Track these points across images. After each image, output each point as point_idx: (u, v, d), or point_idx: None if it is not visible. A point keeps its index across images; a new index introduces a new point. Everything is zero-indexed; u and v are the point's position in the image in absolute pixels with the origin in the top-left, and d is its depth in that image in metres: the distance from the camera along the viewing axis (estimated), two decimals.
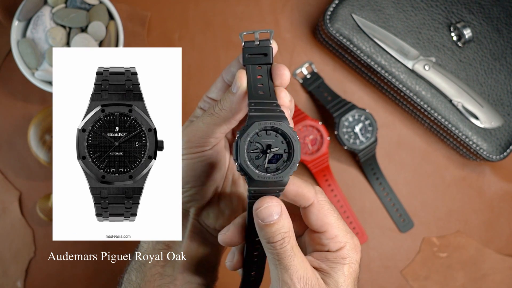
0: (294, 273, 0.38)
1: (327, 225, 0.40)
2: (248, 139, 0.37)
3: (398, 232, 0.72)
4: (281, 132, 0.38)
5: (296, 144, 0.38)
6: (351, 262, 0.40)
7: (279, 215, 0.37)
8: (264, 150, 0.38)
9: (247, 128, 0.37)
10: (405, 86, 0.68)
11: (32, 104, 0.70)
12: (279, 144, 0.38)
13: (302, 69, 0.72)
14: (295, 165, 0.38)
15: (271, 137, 0.38)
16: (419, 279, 0.71)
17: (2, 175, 0.70)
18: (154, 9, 0.71)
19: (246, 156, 0.37)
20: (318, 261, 0.40)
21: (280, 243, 0.38)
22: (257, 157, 0.38)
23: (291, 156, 0.38)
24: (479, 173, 0.73)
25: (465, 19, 0.68)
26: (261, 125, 0.37)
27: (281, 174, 0.38)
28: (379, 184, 0.72)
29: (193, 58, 0.71)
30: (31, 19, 0.65)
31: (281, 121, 0.38)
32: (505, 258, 0.72)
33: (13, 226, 0.70)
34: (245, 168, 0.37)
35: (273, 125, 0.38)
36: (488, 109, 0.68)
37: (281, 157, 0.38)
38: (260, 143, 0.38)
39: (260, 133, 0.38)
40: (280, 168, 0.38)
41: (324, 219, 0.40)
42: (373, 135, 0.69)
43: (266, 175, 0.38)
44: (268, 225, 0.37)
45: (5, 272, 0.69)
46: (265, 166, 0.38)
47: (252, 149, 0.38)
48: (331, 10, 0.67)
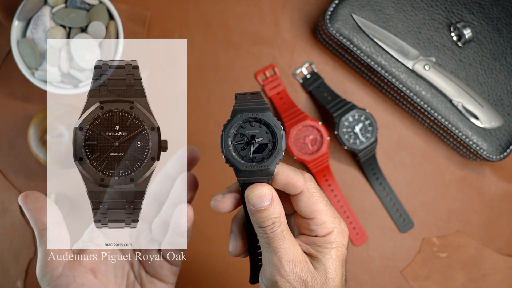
0: (283, 256, 0.39)
1: (316, 211, 0.41)
2: (232, 131, 0.39)
3: (398, 232, 0.72)
4: (264, 122, 0.39)
5: (280, 132, 0.39)
6: (338, 246, 0.41)
7: (270, 201, 0.39)
8: (249, 140, 0.39)
9: (230, 120, 0.39)
10: (405, 86, 0.68)
11: (32, 104, 0.70)
12: (263, 134, 0.39)
13: (302, 69, 0.72)
14: (280, 153, 0.39)
15: (255, 128, 0.39)
16: (419, 279, 0.71)
17: (2, 175, 0.70)
18: (154, 9, 0.71)
19: (231, 147, 0.39)
20: (307, 246, 0.41)
21: (271, 228, 0.39)
22: (243, 148, 0.39)
23: (276, 145, 0.39)
24: (479, 173, 0.73)
25: (465, 19, 0.68)
26: (244, 116, 0.39)
27: (266, 163, 0.39)
28: (379, 184, 0.72)
29: (193, 58, 0.71)
30: (31, 19, 0.65)
31: (263, 111, 0.39)
32: (505, 258, 0.72)
33: (13, 226, 0.70)
34: (231, 159, 0.39)
35: (255, 116, 0.39)
36: (488, 109, 0.68)
37: (266, 147, 0.39)
38: (245, 134, 0.39)
39: (245, 124, 0.39)
40: (265, 158, 0.39)
41: (313, 206, 0.40)
42: (373, 135, 0.69)
43: (252, 164, 0.39)
44: (259, 210, 0.39)
45: (5, 272, 0.70)
46: (251, 156, 0.39)
47: (238, 140, 0.39)
48: (331, 10, 0.67)
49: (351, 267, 0.71)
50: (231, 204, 0.41)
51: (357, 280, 0.71)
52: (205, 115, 0.71)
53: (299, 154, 0.68)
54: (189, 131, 0.71)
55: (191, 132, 0.71)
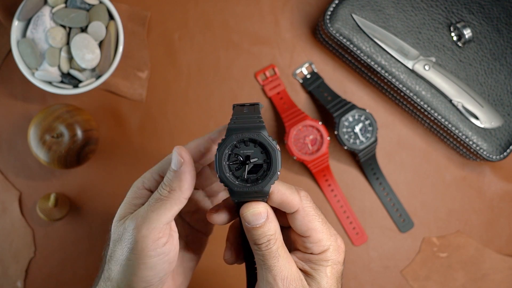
0: (277, 274, 0.39)
1: (311, 230, 0.40)
2: (226, 151, 0.38)
3: (398, 232, 0.72)
4: (259, 142, 0.38)
5: (275, 153, 0.38)
6: (333, 263, 0.41)
7: (265, 219, 0.38)
8: (244, 161, 0.38)
9: (225, 140, 0.38)
10: (405, 86, 0.68)
11: (32, 104, 0.70)
12: (258, 155, 0.38)
13: (302, 69, 0.72)
14: (275, 174, 0.38)
15: (250, 148, 0.38)
16: (419, 279, 0.71)
17: (2, 175, 0.70)
18: (154, 9, 0.71)
19: (225, 168, 0.38)
20: (302, 262, 0.41)
21: (266, 245, 0.39)
22: (237, 168, 0.38)
23: (270, 165, 0.38)
24: (479, 173, 0.73)
25: (465, 19, 0.68)
26: (238, 137, 0.38)
27: (261, 184, 0.38)
28: (379, 184, 0.72)
29: (193, 58, 0.71)
30: (31, 19, 0.65)
31: (258, 131, 0.38)
32: (505, 258, 0.72)
33: (13, 226, 0.70)
34: (225, 180, 0.38)
35: (250, 137, 0.38)
36: (488, 109, 0.68)
37: (261, 167, 0.38)
38: (239, 154, 0.38)
39: (240, 144, 0.38)
40: (260, 178, 0.38)
41: (308, 225, 0.40)
42: (373, 135, 0.69)
43: (246, 185, 0.38)
44: (254, 228, 0.38)
45: (5, 272, 0.69)
46: (245, 177, 0.38)
47: (232, 160, 0.38)
48: (331, 10, 0.67)
49: (351, 267, 0.71)
50: (226, 217, 0.41)
51: (357, 280, 0.71)
52: (205, 115, 0.71)
53: (299, 154, 0.68)
54: (189, 131, 0.71)
55: (191, 132, 0.72)
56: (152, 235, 0.39)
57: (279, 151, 0.38)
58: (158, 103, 0.71)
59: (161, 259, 0.40)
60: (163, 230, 0.39)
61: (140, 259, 0.39)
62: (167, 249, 0.40)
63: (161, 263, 0.40)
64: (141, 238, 0.39)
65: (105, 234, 0.70)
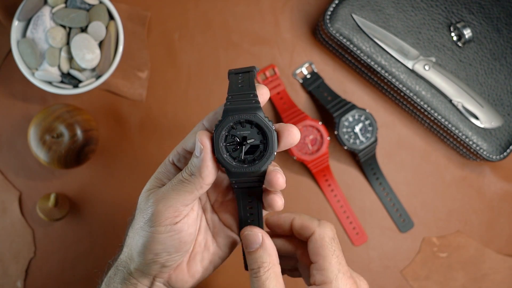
0: None
1: (319, 256, 0.41)
2: (223, 133, 0.39)
3: (398, 232, 0.72)
4: (255, 123, 0.39)
5: (271, 134, 0.38)
6: None
7: (259, 245, 0.40)
8: (240, 142, 0.39)
9: (222, 121, 0.38)
10: (405, 86, 0.68)
11: (32, 104, 0.70)
12: (255, 135, 0.39)
13: (302, 69, 0.72)
14: (272, 154, 0.39)
15: (247, 129, 0.39)
16: (419, 279, 0.71)
17: (2, 175, 0.70)
18: (154, 9, 0.71)
19: (222, 149, 0.39)
20: None
21: (255, 272, 0.39)
22: (235, 149, 0.39)
23: (267, 146, 0.39)
24: (479, 173, 0.73)
25: (465, 19, 0.68)
26: (234, 118, 0.38)
27: (258, 165, 0.39)
28: (379, 184, 0.72)
29: (193, 58, 0.71)
30: (31, 19, 0.65)
31: (254, 112, 0.38)
32: (505, 258, 0.72)
33: (13, 226, 0.70)
34: (222, 161, 0.39)
35: (246, 118, 0.38)
36: (488, 109, 0.68)
37: (258, 148, 0.39)
38: (236, 136, 0.39)
39: (236, 125, 0.39)
40: (257, 159, 0.39)
41: (318, 250, 0.41)
42: (373, 135, 0.69)
43: (243, 166, 0.39)
44: (249, 252, 0.40)
45: (5, 272, 0.70)
46: (242, 158, 0.39)
47: (229, 141, 0.39)
48: (331, 10, 0.67)
49: (351, 267, 0.71)
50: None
51: None
52: (205, 115, 0.71)
53: (299, 154, 0.68)
54: (189, 131, 0.71)
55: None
56: (166, 213, 0.40)
57: (275, 132, 0.39)
58: (158, 103, 0.71)
59: (171, 236, 0.40)
60: (179, 210, 0.40)
61: (151, 231, 0.40)
62: (178, 227, 0.40)
63: (170, 240, 0.40)
64: (156, 212, 0.40)
65: (105, 234, 0.70)
